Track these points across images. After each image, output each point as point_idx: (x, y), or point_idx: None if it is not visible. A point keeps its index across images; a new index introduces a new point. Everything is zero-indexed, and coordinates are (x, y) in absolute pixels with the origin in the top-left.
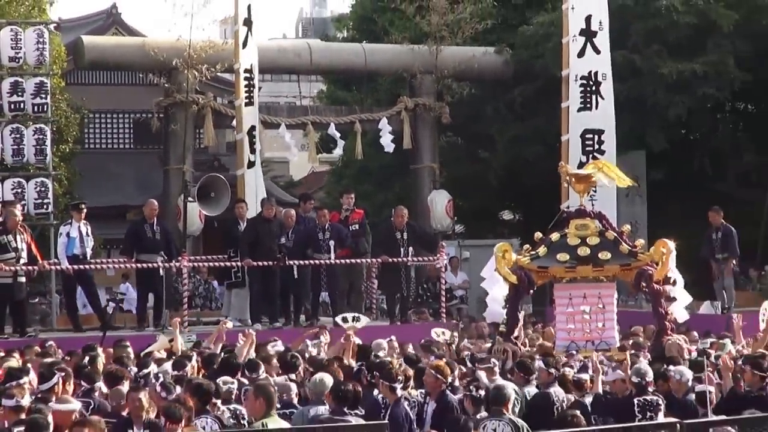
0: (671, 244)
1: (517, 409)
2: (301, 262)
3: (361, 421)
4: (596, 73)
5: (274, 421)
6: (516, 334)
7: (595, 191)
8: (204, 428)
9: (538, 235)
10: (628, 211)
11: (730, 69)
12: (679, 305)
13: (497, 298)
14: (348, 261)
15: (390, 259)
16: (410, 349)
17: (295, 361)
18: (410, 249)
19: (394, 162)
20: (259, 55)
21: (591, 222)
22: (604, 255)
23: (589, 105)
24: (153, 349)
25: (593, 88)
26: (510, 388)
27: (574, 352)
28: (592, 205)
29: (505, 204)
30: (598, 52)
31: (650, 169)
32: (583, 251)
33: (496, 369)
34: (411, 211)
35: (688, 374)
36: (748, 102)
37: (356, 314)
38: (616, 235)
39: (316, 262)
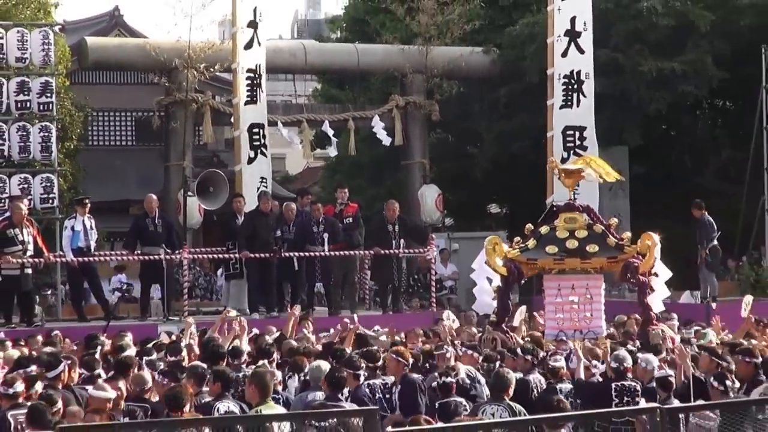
0: (656, 237)
1: None
2: (297, 254)
3: (354, 407)
4: (579, 72)
5: (270, 408)
6: (511, 323)
7: (578, 185)
8: (226, 411)
9: (528, 227)
10: (611, 204)
11: (708, 67)
12: (656, 296)
13: (486, 289)
14: (342, 253)
15: (382, 251)
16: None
17: (269, 348)
18: (401, 241)
19: (386, 158)
20: None
21: (579, 215)
22: (592, 248)
23: (570, 102)
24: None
25: (575, 86)
26: (512, 374)
27: (564, 338)
28: (574, 198)
29: (492, 198)
30: (582, 51)
31: (632, 164)
32: (572, 244)
33: (449, 356)
34: (402, 205)
35: (654, 362)
36: (726, 99)
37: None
38: (603, 228)
39: (311, 254)
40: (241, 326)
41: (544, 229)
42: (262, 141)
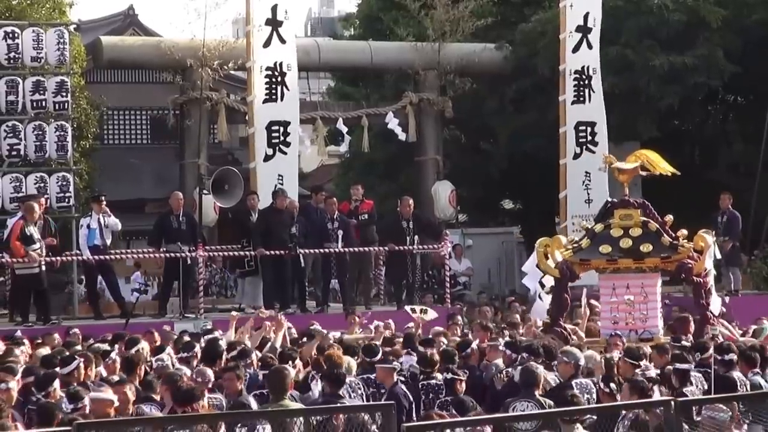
0: (710, 239)
1: None
2: (310, 250)
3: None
4: (588, 68)
5: (284, 407)
6: (568, 321)
7: (589, 180)
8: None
9: (584, 225)
10: None
11: (720, 61)
12: (716, 297)
13: (542, 294)
14: (356, 249)
15: (397, 248)
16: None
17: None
18: (416, 237)
19: (399, 154)
20: None
21: (635, 212)
22: (646, 247)
23: (582, 98)
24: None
25: (586, 82)
26: (540, 369)
27: (619, 334)
28: (588, 193)
29: (505, 193)
30: (591, 47)
31: None
32: (626, 243)
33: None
34: (415, 201)
35: (582, 358)
36: (737, 94)
37: (424, 307)
38: (658, 226)
39: (326, 250)
40: (278, 323)
41: (598, 228)
42: (282, 138)
